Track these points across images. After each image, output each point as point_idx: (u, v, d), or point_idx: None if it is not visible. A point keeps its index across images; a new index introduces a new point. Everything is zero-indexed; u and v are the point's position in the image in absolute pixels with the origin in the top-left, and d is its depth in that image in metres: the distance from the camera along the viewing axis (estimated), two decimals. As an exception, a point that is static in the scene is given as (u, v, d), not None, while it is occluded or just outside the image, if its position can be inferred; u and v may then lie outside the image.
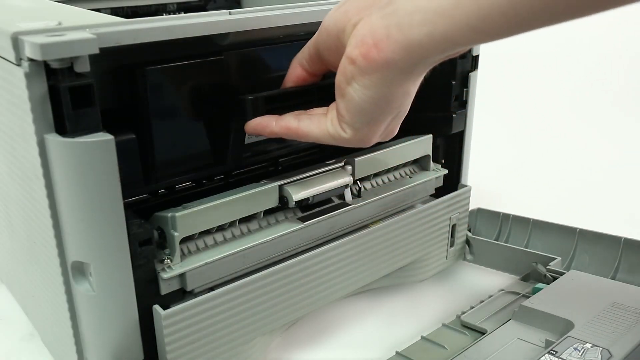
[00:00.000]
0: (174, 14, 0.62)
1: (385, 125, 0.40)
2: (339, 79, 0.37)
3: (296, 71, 0.43)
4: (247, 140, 0.46)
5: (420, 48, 0.33)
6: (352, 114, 0.38)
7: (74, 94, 0.33)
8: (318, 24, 0.45)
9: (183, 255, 0.42)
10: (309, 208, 0.49)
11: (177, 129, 0.42)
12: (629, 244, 0.56)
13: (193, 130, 0.43)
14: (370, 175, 0.53)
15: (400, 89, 0.36)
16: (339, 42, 0.38)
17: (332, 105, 0.40)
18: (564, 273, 0.55)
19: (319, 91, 0.44)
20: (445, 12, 0.31)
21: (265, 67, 0.46)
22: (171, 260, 0.41)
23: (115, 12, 0.65)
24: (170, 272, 0.40)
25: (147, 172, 0.42)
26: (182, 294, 0.42)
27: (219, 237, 0.44)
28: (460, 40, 0.32)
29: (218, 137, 0.45)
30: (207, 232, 0.43)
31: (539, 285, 0.54)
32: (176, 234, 0.40)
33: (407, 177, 0.56)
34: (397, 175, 0.56)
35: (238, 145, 0.46)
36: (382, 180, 0.55)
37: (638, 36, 1.23)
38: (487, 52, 0.68)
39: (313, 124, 0.41)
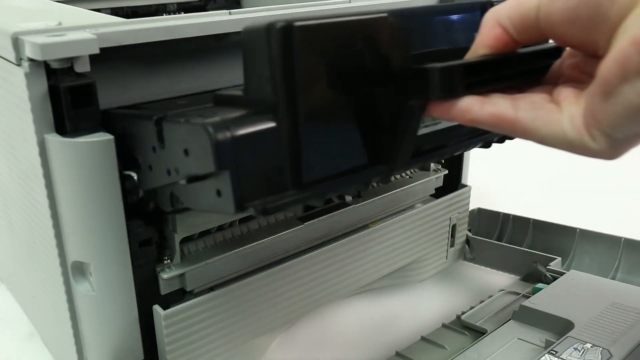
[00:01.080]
0: (174, 14, 0.62)
1: None
2: (609, 70, 0.26)
3: (494, 32, 0.30)
4: (420, 131, 0.33)
5: None
6: (620, 121, 0.26)
7: (74, 94, 0.33)
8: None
9: (183, 256, 0.42)
10: (308, 208, 0.49)
11: (327, 115, 0.29)
12: (629, 244, 0.56)
13: (346, 118, 0.30)
14: (370, 175, 0.53)
15: None
16: (597, 12, 0.26)
17: (571, 98, 0.29)
18: (564, 273, 0.55)
19: (532, 60, 0.31)
20: None
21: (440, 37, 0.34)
22: (171, 261, 0.41)
23: (115, 12, 0.66)
24: (170, 272, 0.40)
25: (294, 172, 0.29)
26: (182, 294, 0.42)
27: (218, 237, 0.44)
28: None
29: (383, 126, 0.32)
30: (207, 232, 0.43)
31: (539, 285, 0.54)
32: (176, 234, 0.40)
33: (407, 177, 0.56)
34: (397, 175, 0.56)
35: (410, 137, 0.32)
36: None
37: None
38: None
39: (539, 120, 0.28)
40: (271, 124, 0.27)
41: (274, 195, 0.28)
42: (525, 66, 0.31)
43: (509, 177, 0.88)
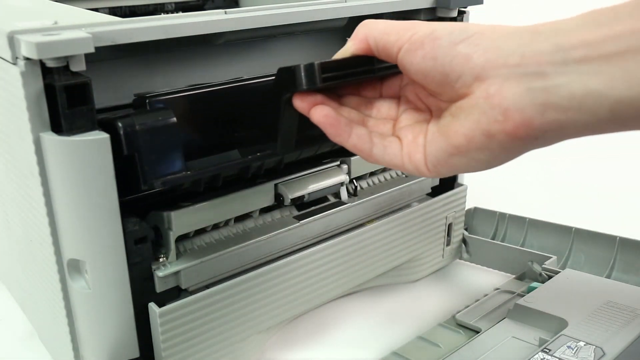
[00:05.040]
0: (172, 13, 0.62)
1: None
2: (457, 141, 0.33)
3: (362, 45, 0.36)
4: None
5: (584, 128, 0.30)
6: (453, 169, 0.35)
7: (69, 92, 0.33)
8: (316, 23, 0.45)
9: (179, 253, 0.42)
10: (304, 206, 0.49)
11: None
12: (624, 243, 0.57)
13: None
14: (366, 173, 0.53)
15: (525, 151, 0.33)
16: (444, 78, 0.33)
17: (409, 137, 0.36)
18: (559, 272, 0.55)
19: (377, 69, 0.38)
20: (631, 102, 0.28)
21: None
22: (167, 258, 0.41)
23: (113, 11, 0.66)
24: (165, 270, 0.41)
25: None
26: (177, 292, 0.42)
27: (214, 235, 0.44)
28: (634, 126, 0.30)
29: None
30: (203, 230, 0.43)
31: (534, 284, 0.54)
32: (172, 232, 0.41)
33: (403, 175, 0.56)
34: (393, 174, 0.56)
35: (286, 126, 0.38)
36: (378, 179, 0.55)
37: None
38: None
39: (387, 156, 0.37)
40: (167, 121, 0.37)
41: (173, 174, 0.37)
42: (370, 72, 0.37)
43: (505, 176, 0.88)
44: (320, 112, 0.36)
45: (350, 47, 0.37)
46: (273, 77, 0.37)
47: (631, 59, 0.28)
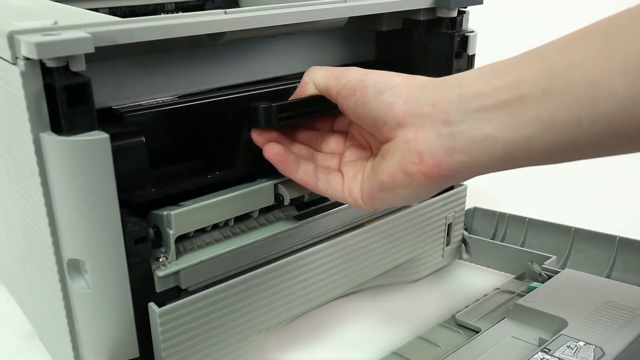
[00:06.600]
0: (172, 13, 0.62)
1: None
2: (383, 179, 0.38)
3: (309, 88, 0.42)
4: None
5: (486, 167, 0.34)
6: (384, 203, 0.40)
7: (69, 92, 0.33)
8: (315, 23, 0.45)
9: (179, 253, 0.42)
10: (304, 206, 0.49)
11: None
12: (624, 243, 0.57)
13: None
14: (366, 174, 0.53)
15: (443, 187, 0.37)
16: (374, 122, 0.38)
17: (350, 173, 0.41)
18: (559, 272, 0.55)
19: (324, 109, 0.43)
20: (519, 143, 0.32)
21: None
22: (167, 258, 0.41)
23: (113, 11, 0.66)
24: (165, 269, 0.41)
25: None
26: (177, 292, 0.42)
27: (214, 235, 0.44)
28: (527, 163, 0.34)
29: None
30: (203, 230, 0.43)
31: (534, 284, 0.54)
32: (172, 231, 0.41)
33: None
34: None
35: (244, 151, 0.44)
36: (378, 179, 0.55)
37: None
38: (485, 52, 0.68)
39: (330, 189, 0.42)
40: (136, 140, 0.37)
41: (141, 190, 0.39)
42: (322, 111, 0.43)
43: (505, 176, 0.88)
44: (272, 150, 0.41)
45: (299, 92, 0.42)
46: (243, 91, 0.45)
47: (516, 105, 0.32)
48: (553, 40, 0.33)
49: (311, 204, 0.49)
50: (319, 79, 0.41)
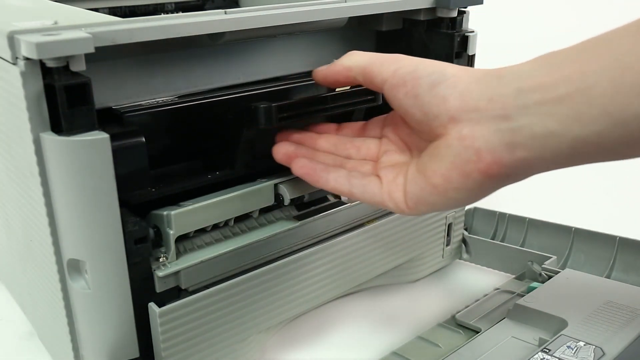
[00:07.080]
0: (172, 13, 0.62)
1: None
2: (435, 181, 0.35)
3: (345, 73, 0.40)
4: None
5: (551, 163, 0.32)
6: (433, 207, 0.37)
7: (69, 92, 0.33)
8: (315, 23, 0.45)
9: (179, 253, 0.42)
10: (304, 206, 0.49)
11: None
12: (624, 243, 0.57)
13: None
14: (366, 174, 0.53)
15: (499, 188, 0.35)
16: (424, 116, 0.35)
17: (389, 176, 0.38)
18: (559, 272, 0.55)
19: (333, 99, 0.43)
20: (588, 140, 0.30)
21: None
22: (167, 258, 0.41)
23: (113, 11, 0.66)
24: (165, 270, 0.41)
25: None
26: (177, 292, 0.42)
27: (214, 235, 0.44)
28: (596, 159, 0.32)
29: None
30: (203, 230, 0.43)
31: (534, 284, 0.54)
32: (172, 232, 0.41)
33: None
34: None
35: (244, 151, 0.44)
36: (378, 179, 0.55)
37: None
38: (485, 52, 0.68)
39: (367, 194, 0.39)
40: (136, 140, 0.37)
41: (141, 190, 0.39)
42: (323, 111, 0.42)
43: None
44: (298, 164, 0.41)
45: (336, 75, 0.40)
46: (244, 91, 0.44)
47: (579, 100, 0.30)
48: (619, 27, 0.31)
49: (311, 204, 0.49)
50: (362, 64, 0.38)
